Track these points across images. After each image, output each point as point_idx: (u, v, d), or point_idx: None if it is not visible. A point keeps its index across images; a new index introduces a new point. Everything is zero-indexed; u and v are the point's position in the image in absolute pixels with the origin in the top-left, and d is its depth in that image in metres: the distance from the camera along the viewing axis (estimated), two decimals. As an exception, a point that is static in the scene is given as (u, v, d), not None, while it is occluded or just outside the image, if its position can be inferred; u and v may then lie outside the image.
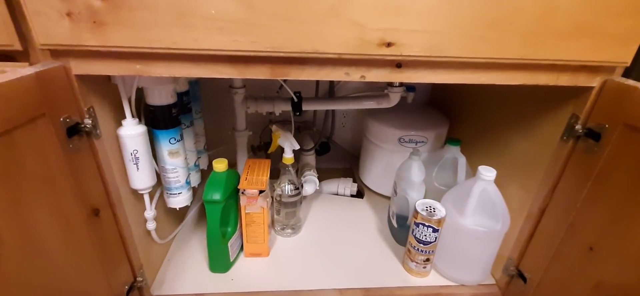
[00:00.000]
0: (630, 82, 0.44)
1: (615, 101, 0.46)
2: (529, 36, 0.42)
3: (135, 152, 0.51)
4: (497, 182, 0.59)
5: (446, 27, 0.41)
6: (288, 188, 0.73)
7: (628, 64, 0.46)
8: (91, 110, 0.45)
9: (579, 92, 0.50)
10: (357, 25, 0.40)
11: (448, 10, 0.40)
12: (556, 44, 0.43)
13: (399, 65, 0.44)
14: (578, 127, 0.50)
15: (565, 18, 0.42)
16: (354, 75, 0.45)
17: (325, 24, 0.40)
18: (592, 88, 0.48)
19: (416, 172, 0.69)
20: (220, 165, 0.63)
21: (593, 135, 0.48)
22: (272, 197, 0.74)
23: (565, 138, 0.52)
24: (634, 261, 0.43)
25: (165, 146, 0.57)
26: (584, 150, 0.50)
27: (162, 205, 0.64)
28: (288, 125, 0.82)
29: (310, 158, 0.92)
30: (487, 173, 0.58)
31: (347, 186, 0.94)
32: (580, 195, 0.49)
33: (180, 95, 0.62)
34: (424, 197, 0.68)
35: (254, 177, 0.65)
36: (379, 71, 0.45)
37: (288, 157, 0.71)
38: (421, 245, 0.64)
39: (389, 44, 0.41)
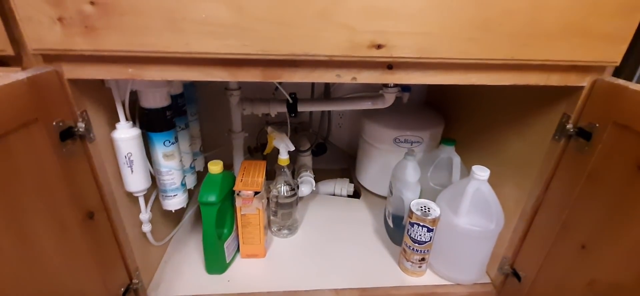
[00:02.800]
0: (620, 82, 0.45)
1: (605, 100, 0.46)
2: (518, 37, 0.43)
3: (129, 154, 0.51)
4: (492, 181, 0.60)
5: (436, 28, 0.41)
6: (284, 189, 0.73)
7: (617, 64, 0.46)
8: (84, 114, 0.45)
9: (570, 92, 0.50)
10: (347, 27, 0.40)
11: (437, 12, 0.40)
12: (546, 45, 0.43)
13: (389, 66, 0.45)
14: (569, 126, 0.50)
15: (555, 19, 0.42)
16: (346, 77, 0.45)
17: (316, 27, 0.40)
18: (582, 88, 0.48)
19: (411, 172, 0.70)
20: (215, 167, 0.63)
21: (584, 134, 0.48)
22: (268, 198, 0.75)
23: (557, 137, 0.53)
24: (626, 258, 0.43)
25: (160, 148, 0.57)
26: (575, 149, 0.50)
27: (158, 207, 0.64)
28: (284, 127, 0.82)
29: (307, 159, 0.92)
30: (481, 172, 0.59)
31: (344, 186, 0.94)
32: (572, 193, 0.50)
33: (174, 97, 0.62)
34: (419, 197, 0.68)
35: (250, 179, 0.66)
36: (370, 73, 0.45)
37: (283, 158, 0.71)
38: (416, 244, 0.64)
39: (379, 46, 0.41)
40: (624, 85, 0.43)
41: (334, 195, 0.95)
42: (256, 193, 0.64)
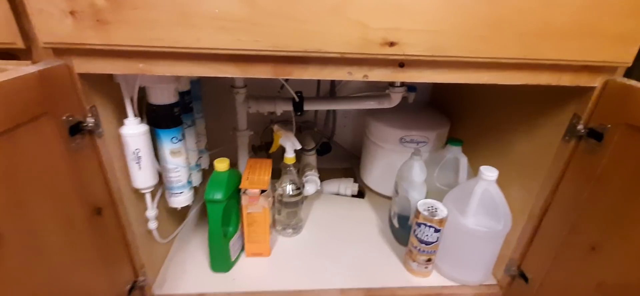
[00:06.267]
0: (632, 82, 0.44)
1: (617, 101, 0.46)
2: (530, 36, 0.42)
3: (137, 151, 0.51)
4: (499, 182, 0.59)
5: (448, 26, 0.41)
6: (289, 188, 0.73)
7: (630, 64, 0.46)
8: (93, 108, 0.45)
9: (581, 92, 0.50)
10: (360, 24, 0.40)
11: (450, 9, 0.40)
12: (558, 44, 0.43)
13: (401, 64, 0.44)
14: (580, 127, 0.50)
15: (567, 18, 0.42)
16: (357, 75, 0.45)
17: (328, 23, 0.40)
18: (593, 88, 0.48)
19: (417, 172, 0.69)
20: (221, 165, 0.63)
21: (595, 135, 0.48)
22: (273, 197, 0.74)
23: (567, 138, 0.52)
24: (636, 261, 0.43)
25: (167, 145, 0.57)
26: (585, 151, 0.50)
27: (163, 204, 0.64)
28: (289, 125, 0.82)
29: (312, 158, 0.92)
30: (489, 173, 0.58)
31: (348, 186, 0.94)
32: (582, 195, 0.49)
33: (181, 94, 0.62)
34: (426, 197, 0.68)
35: (256, 177, 0.65)
36: (382, 71, 0.45)
37: (289, 156, 0.71)
38: (423, 245, 0.64)
39: (391, 44, 0.41)
40: (636, 86, 0.43)
41: (338, 194, 0.95)
42: (262, 191, 0.64)
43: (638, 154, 0.42)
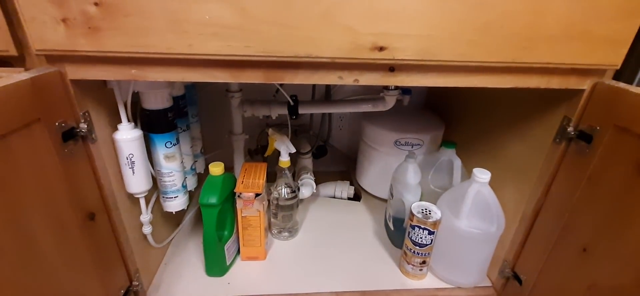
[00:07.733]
0: (621, 85, 0.45)
1: (606, 103, 0.46)
2: (519, 40, 0.43)
3: (131, 156, 0.51)
4: (492, 184, 0.60)
5: (437, 31, 0.41)
6: (285, 191, 0.73)
7: (618, 67, 0.46)
8: (87, 114, 0.45)
9: (571, 95, 0.50)
10: (350, 29, 0.40)
11: (439, 15, 0.41)
12: (546, 47, 0.44)
13: (391, 68, 0.45)
14: (570, 129, 0.50)
15: (555, 21, 0.42)
16: (347, 79, 0.45)
17: (318, 29, 0.40)
18: (583, 91, 0.49)
19: (412, 175, 0.70)
20: (216, 169, 0.63)
21: (585, 137, 0.48)
22: (268, 200, 0.75)
23: (557, 140, 0.53)
24: (626, 262, 0.43)
25: (161, 150, 0.57)
26: (576, 152, 0.50)
27: (158, 209, 0.64)
28: (285, 129, 0.82)
29: (307, 161, 0.92)
30: (482, 175, 0.59)
31: (344, 189, 0.94)
32: (573, 196, 0.50)
33: (176, 99, 0.62)
34: (420, 200, 0.68)
35: (251, 181, 0.66)
36: (372, 75, 0.45)
37: (284, 160, 0.71)
38: (417, 247, 0.64)
39: (381, 48, 0.42)
40: (624, 88, 0.44)
41: (334, 197, 0.95)
42: (257, 195, 0.64)
43: (627, 156, 0.43)
